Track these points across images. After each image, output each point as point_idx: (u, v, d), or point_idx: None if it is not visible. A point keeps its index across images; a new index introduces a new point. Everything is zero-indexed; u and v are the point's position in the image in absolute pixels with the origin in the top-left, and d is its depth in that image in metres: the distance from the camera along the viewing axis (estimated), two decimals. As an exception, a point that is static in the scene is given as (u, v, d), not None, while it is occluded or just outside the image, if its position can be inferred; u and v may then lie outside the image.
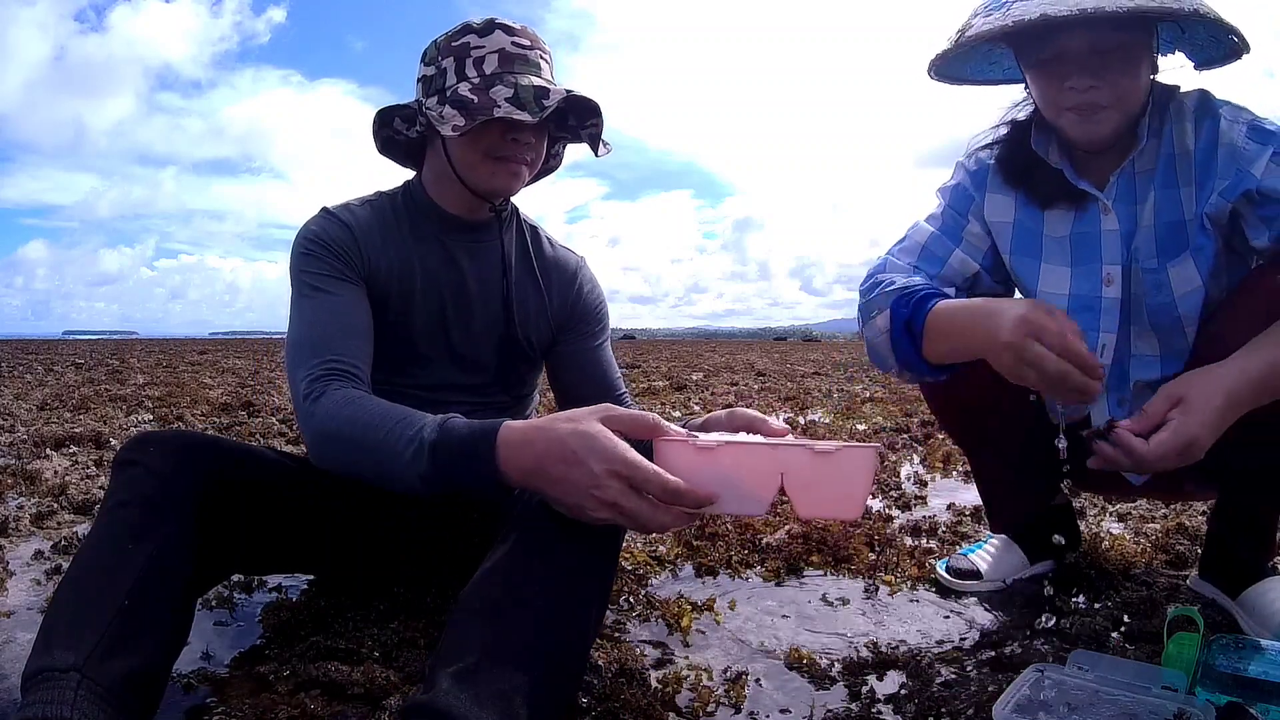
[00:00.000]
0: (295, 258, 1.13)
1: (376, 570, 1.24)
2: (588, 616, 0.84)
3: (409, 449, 0.85)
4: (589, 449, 0.77)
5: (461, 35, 1.09)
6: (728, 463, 0.81)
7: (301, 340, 1.04)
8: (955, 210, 1.27)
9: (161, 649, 0.81)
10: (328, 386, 0.97)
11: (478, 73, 1.07)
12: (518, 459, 0.80)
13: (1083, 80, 1.05)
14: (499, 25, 1.09)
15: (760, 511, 0.83)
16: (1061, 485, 1.14)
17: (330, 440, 0.94)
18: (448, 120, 1.03)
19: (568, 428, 0.79)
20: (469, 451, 0.82)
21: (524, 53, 1.09)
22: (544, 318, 1.27)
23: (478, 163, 1.11)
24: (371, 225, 1.17)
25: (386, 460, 0.87)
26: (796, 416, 4.06)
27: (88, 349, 18.26)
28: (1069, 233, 1.19)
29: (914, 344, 1.09)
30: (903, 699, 0.99)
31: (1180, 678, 0.89)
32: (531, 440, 0.80)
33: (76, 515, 1.93)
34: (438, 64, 1.10)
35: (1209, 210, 1.08)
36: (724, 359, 12.53)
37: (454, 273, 1.20)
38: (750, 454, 0.81)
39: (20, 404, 4.55)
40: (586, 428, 0.79)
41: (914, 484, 2.35)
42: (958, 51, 1.13)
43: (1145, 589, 1.34)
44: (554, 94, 1.05)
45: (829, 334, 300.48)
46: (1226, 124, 1.08)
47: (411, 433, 0.86)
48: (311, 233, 1.13)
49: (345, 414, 0.93)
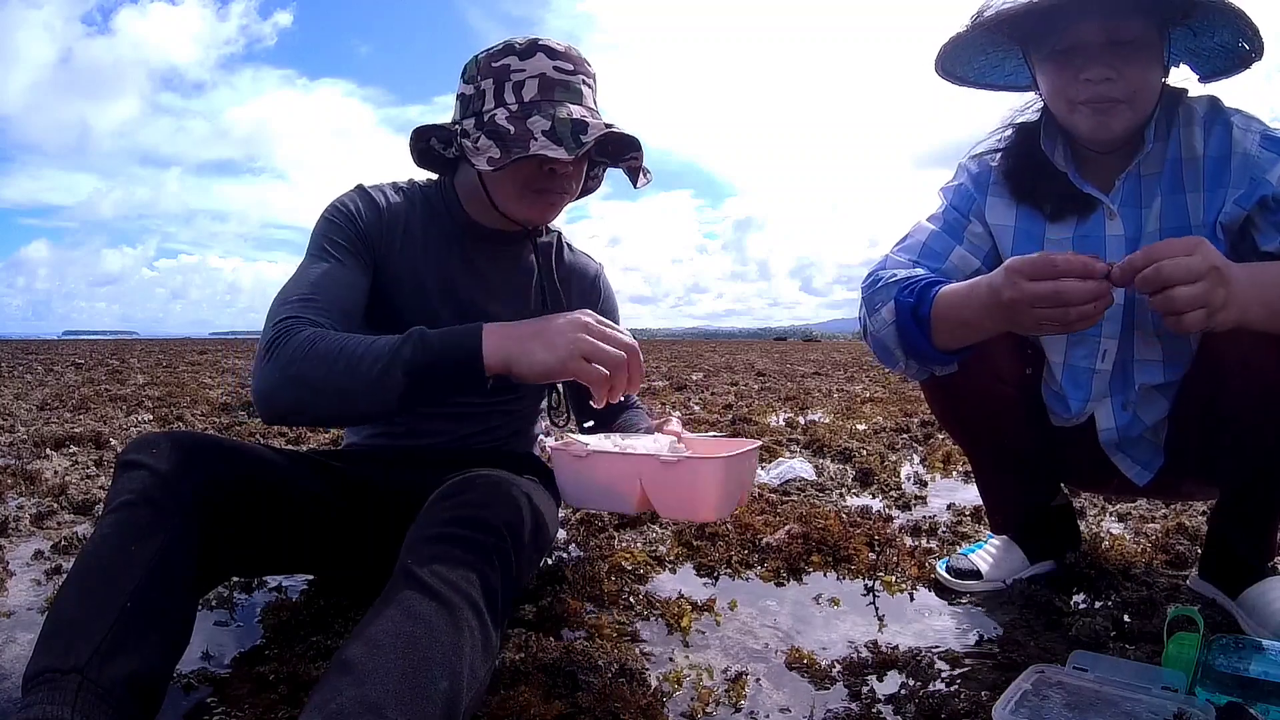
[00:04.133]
0: (320, 221, 1.13)
1: (378, 570, 1.24)
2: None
3: (387, 348, 0.89)
4: (557, 315, 0.92)
5: (503, 56, 1.07)
6: (599, 470, 1.00)
7: (286, 288, 1.04)
8: (957, 210, 1.27)
9: (164, 651, 0.81)
10: (294, 325, 0.96)
11: (516, 99, 1.05)
12: (499, 334, 0.90)
13: (1098, 71, 1.04)
14: (541, 47, 1.07)
15: (630, 510, 0.99)
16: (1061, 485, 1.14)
17: (286, 374, 0.92)
18: (483, 152, 1.02)
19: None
20: (454, 337, 0.90)
21: (566, 78, 1.07)
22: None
23: (514, 195, 1.11)
24: (401, 215, 1.17)
25: (356, 367, 0.89)
26: (796, 416, 4.06)
27: (88, 349, 18.26)
28: (1071, 235, 1.19)
29: (922, 331, 1.10)
30: (903, 699, 0.99)
31: (1180, 678, 0.89)
32: (512, 324, 0.93)
33: (76, 515, 1.93)
34: (476, 84, 1.08)
35: (1224, 219, 1.08)
36: (724, 359, 12.52)
37: (477, 283, 1.21)
38: (614, 462, 0.99)
39: (20, 404, 4.54)
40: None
41: (914, 484, 2.35)
42: (973, 34, 1.12)
43: (1145, 589, 1.34)
44: (592, 129, 1.03)
45: (829, 334, 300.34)
46: (1239, 132, 1.08)
47: (385, 342, 0.90)
48: (342, 204, 1.14)
49: (312, 345, 0.92)
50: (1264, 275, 0.95)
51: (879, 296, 1.16)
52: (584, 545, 1.64)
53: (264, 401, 0.95)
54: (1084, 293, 0.91)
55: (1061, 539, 1.46)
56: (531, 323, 0.92)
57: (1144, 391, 1.20)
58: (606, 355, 0.89)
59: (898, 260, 1.24)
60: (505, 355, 0.89)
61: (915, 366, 1.18)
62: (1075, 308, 0.92)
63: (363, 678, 0.70)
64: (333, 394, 0.91)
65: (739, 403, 4.77)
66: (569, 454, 1.01)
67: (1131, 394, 1.20)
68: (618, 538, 1.70)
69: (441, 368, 0.89)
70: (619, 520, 1.82)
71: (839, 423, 3.75)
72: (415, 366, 0.89)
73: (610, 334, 0.92)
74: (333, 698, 0.68)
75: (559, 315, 0.93)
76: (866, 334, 1.21)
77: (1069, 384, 1.23)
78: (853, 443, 2.95)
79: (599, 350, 0.89)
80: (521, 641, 1.08)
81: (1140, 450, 1.24)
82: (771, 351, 18.45)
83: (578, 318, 0.92)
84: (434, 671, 0.72)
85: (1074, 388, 1.23)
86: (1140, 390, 1.19)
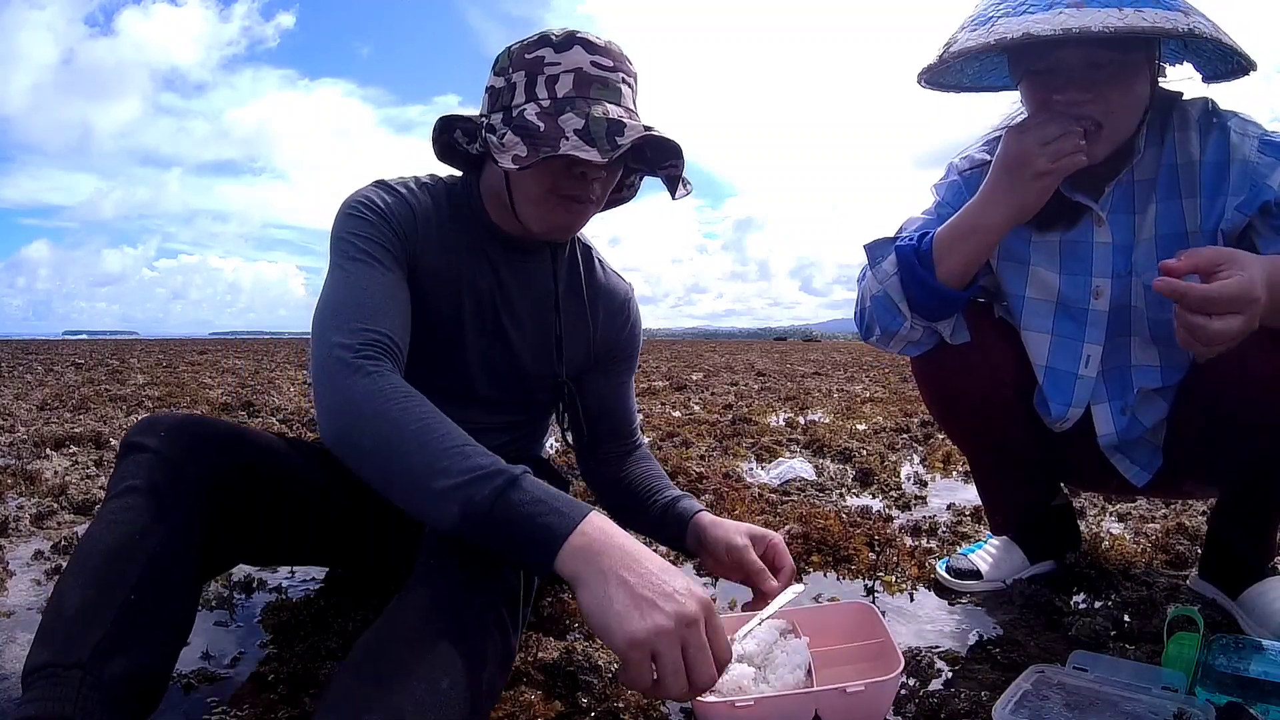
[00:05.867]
0: (341, 219, 1.01)
1: (380, 568, 1.23)
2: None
3: (463, 471, 0.77)
4: (679, 573, 0.73)
5: (537, 47, 0.98)
6: (769, 713, 0.85)
7: (340, 302, 0.92)
8: (949, 205, 1.27)
9: (165, 646, 0.81)
10: (377, 362, 0.86)
11: (549, 94, 0.96)
12: (591, 547, 0.73)
13: (1073, 94, 1.03)
14: (579, 40, 0.97)
15: None
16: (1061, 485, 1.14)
17: (362, 422, 0.82)
18: (508, 149, 0.92)
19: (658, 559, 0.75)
20: (543, 515, 0.75)
21: (604, 75, 0.97)
22: (586, 349, 1.20)
23: (539, 198, 1.00)
24: (431, 215, 1.07)
25: (417, 469, 0.79)
26: (796, 416, 4.06)
27: (88, 349, 18.25)
28: (1059, 239, 1.19)
29: (926, 268, 1.13)
30: (903, 699, 0.99)
31: (1180, 678, 0.89)
32: (609, 535, 0.74)
33: (76, 515, 1.93)
34: (507, 76, 0.99)
35: (1225, 227, 1.07)
36: (724, 359, 12.52)
37: (504, 298, 1.12)
38: (786, 703, 0.86)
39: (20, 404, 4.54)
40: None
41: (914, 484, 2.35)
42: (942, 67, 1.12)
43: (1145, 589, 1.34)
44: (629, 130, 0.93)
45: (829, 334, 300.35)
46: (1237, 137, 1.07)
47: (464, 460, 0.78)
48: (366, 198, 1.03)
49: (396, 404, 0.82)
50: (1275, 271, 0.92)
51: (879, 250, 1.19)
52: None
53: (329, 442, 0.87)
54: (1072, 146, 1.01)
55: (1061, 539, 1.46)
56: (641, 559, 0.73)
57: (1142, 394, 1.19)
58: (673, 676, 0.70)
59: None
60: (577, 576, 0.73)
61: (920, 326, 1.19)
62: (1070, 150, 1.01)
63: (386, 685, 0.70)
64: (379, 478, 0.82)
65: (739, 403, 4.77)
66: (731, 705, 0.84)
67: (1130, 398, 1.20)
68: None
69: (506, 534, 0.76)
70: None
71: (839, 423, 3.75)
72: (477, 516, 0.76)
73: (701, 657, 0.71)
74: (349, 703, 0.69)
75: (675, 577, 0.72)
76: (865, 304, 1.21)
77: (1050, 388, 1.22)
78: (853, 443, 2.95)
79: (674, 666, 0.70)
80: (522, 641, 1.08)
81: (1139, 451, 1.24)
82: (771, 351, 18.45)
83: (690, 609, 0.70)
84: (455, 681, 0.72)
85: (1056, 391, 1.22)
86: (1139, 393, 1.19)
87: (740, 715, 0.85)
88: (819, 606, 1.14)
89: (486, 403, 1.17)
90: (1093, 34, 0.92)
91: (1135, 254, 1.14)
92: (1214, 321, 0.85)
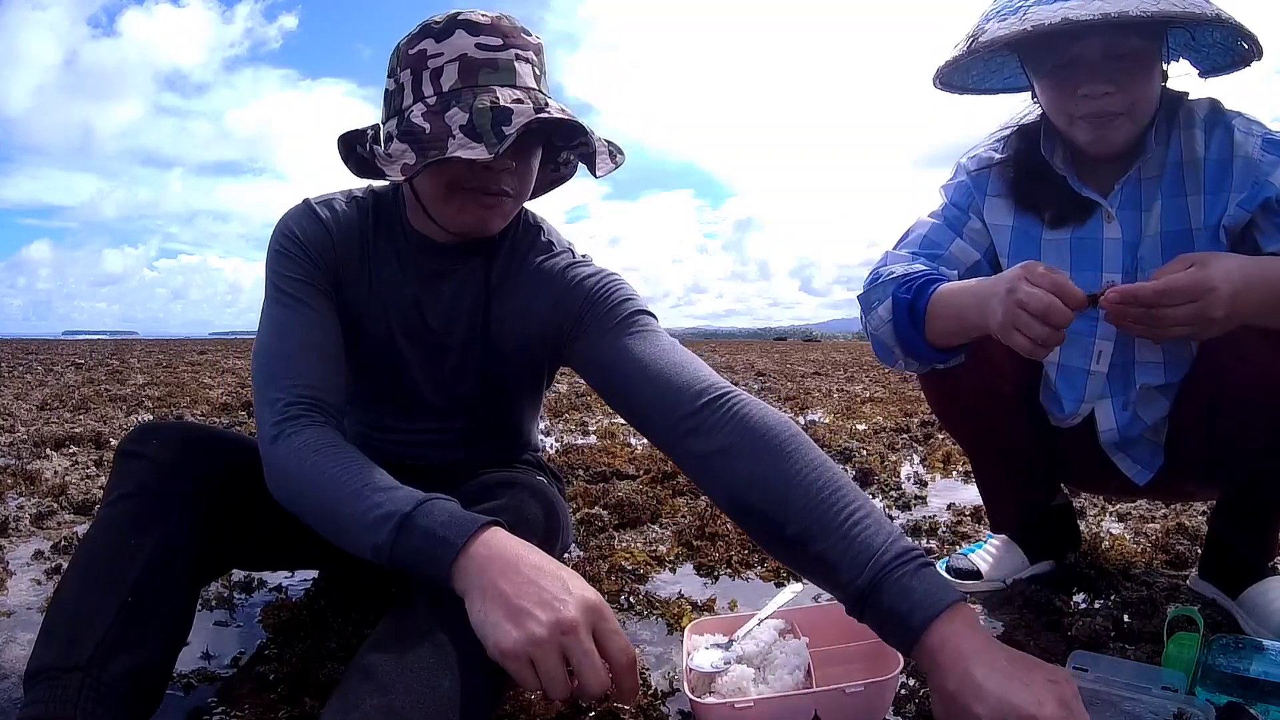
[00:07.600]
0: (271, 255, 1.02)
1: (378, 569, 1.23)
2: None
3: (371, 516, 0.78)
4: (567, 578, 0.73)
5: (420, 40, 0.92)
6: (769, 714, 0.87)
7: (271, 353, 0.95)
8: (957, 206, 1.27)
9: (164, 645, 0.81)
10: (295, 420, 0.89)
11: (434, 90, 0.90)
12: (477, 569, 0.74)
13: (1097, 87, 1.04)
14: (460, 23, 0.90)
15: None
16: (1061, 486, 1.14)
17: (287, 483, 0.87)
18: (396, 159, 0.87)
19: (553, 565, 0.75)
20: (429, 547, 0.76)
21: (492, 56, 0.90)
22: (541, 329, 1.07)
23: (444, 198, 0.96)
24: (354, 231, 1.05)
25: (342, 528, 0.81)
26: (797, 416, 4.06)
27: (88, 349, 18.25)
28: (1069, 237, 1.19)
29: (917, 328, 1.10)
30: (903, 699, 0.99)
31: (1180, 678, 0.89)
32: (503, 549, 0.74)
33: (76, 515, 1.93)
34: (396, 77, 0.94)
35: (1227, 223, 1.08)
36: (724, 359, 12.52)
37: (437, 308, 1.08)
38: (786, 704, 0.87)
39: (20, 404, 4.55)
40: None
41: (914, 484, 2.35)
42: (970, 58, 1.12)
43: (1145, 589, 1.34)
44: (517, 116, 0.86)
45: (829, 334, 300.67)
46: (1241, 135, 1.08)
47: (371, 507, 0.79)
48: (289, 230, 1.02)
49: (309, 461, 0.84)
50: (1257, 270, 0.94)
51: (875, 295, 1.17)
52: (584, 545, 1.64)
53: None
54: (1057, 319, 0.91)
55: (1061, 539, 1.46)
56: (521, 568, 0.73)
57: (1144, 392, 1.20)
58: (550, 683, 0.69)
59: (898, 255, 1.24)
60: (465, 594, 0.74)
61: (915, 363, 1.19)
62: (1043, 331, 0.91)
63: (386, 685, 0.70)
64: (320, 529, 0.85)
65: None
66: (731, 706, 0.86)
67: (1132, 394, 1.20)
68: (618, 538, 1.70)
69: (414, 568, 0.77)
70: (619, 520, 1.82)
71: (839, 423, 3.75)
72: (385, 558, 0.78)
73: (586, 662, 0.70)
74: (355, 704, 0.68)
75: (555, 583, 0.72)
76: (867, 331, 1.22)
77: (1063, 384, 1.23)
78: (853, 443, 2.94)
79: (551, 673, 0.69)
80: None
81: (1140, 450, 1.24)
82: (771, 351, 18.45)
83: (568, 615, 0.69)
84: (457, 679, 0.72)
85: (1069, 388, 1.23)
86: (1141, 390, 1.19)
87: (740, 716, 0.85)
88: (819, 606, 1.15)
89: (439, 412, 1.15)
90: (1131, 17, 0.92)
91: (1141, 250, 1.15)
92: (1166, 311, 0.90)
